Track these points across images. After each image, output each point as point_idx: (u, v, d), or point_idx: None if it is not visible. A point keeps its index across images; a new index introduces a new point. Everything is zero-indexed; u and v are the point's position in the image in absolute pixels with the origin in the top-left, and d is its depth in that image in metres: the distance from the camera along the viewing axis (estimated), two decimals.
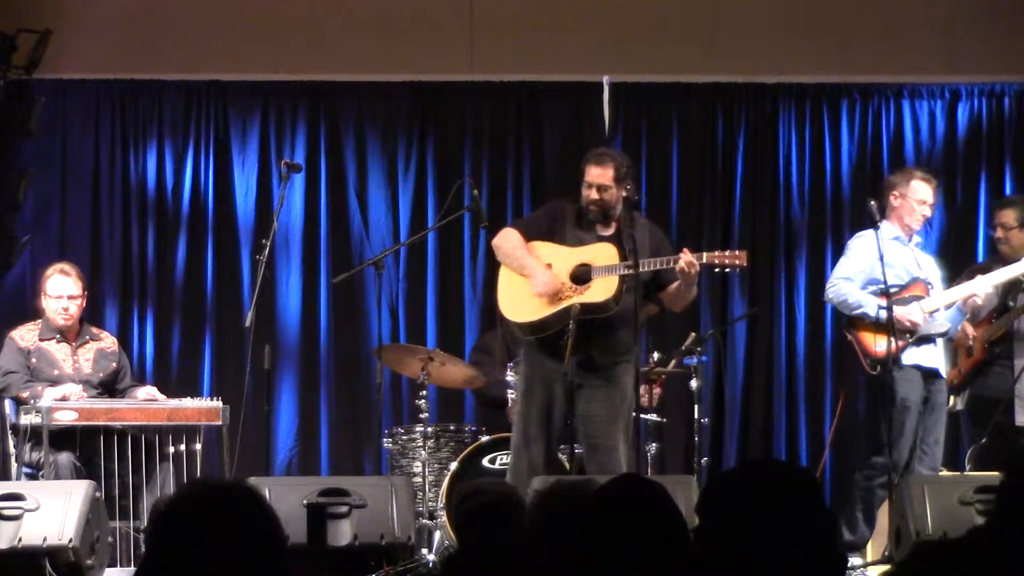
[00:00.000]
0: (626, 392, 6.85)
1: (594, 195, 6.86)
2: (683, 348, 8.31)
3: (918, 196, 7.63)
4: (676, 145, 9.60)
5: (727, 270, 7.20)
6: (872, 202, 7.46)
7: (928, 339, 7.50)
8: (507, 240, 7.00)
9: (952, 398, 7.99)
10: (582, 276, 6.83)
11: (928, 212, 7.70)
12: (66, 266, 7.65)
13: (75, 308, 7.59)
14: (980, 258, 8.96)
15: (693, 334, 8.43)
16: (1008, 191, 9.29)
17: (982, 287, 7.69)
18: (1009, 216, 8.01)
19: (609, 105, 8.59)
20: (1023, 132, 9.57)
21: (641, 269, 6.71)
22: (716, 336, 9.03)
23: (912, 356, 7.50)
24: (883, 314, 7.30)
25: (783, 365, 9.44)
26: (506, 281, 6.99)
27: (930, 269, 7.81)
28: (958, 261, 8.74)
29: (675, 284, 6.85)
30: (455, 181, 8.06)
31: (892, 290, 7.35)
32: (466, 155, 9.51)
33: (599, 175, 6.86)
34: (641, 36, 9.48)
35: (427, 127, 9.55)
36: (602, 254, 6.85)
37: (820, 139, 9.60)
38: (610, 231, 6.91)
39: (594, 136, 9.31)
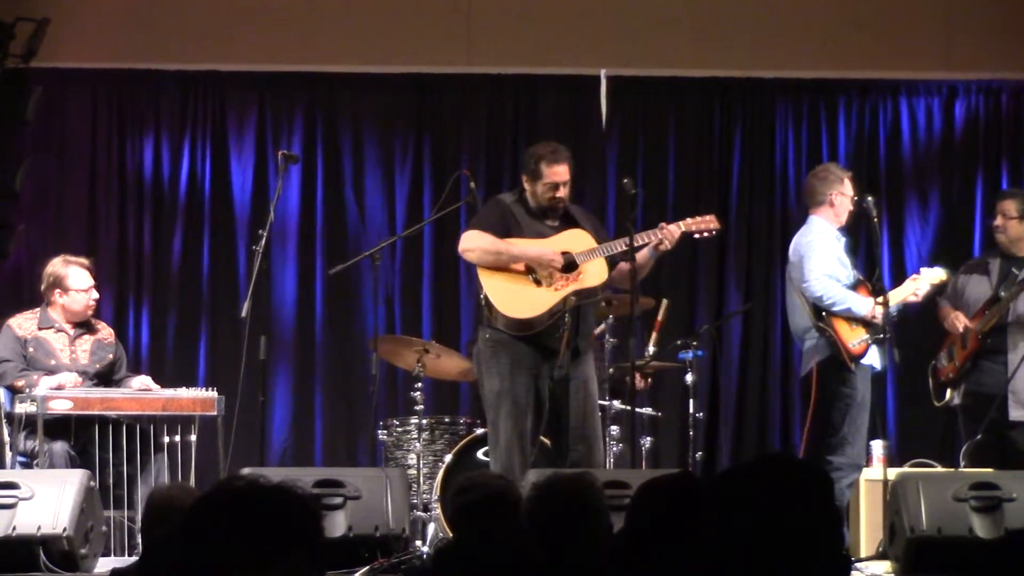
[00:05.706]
0: (595, 379, 6.96)
1: (560, 193, 6.90)
2: (659, 319, 8.16)
3: (850, 194, 7.69)
4: (673, 139, 9.61)
5: (704, 235, 7.17)
6: (870, 198, 7.51)
7: (881, 341, 7.49)
8: (480, 241, 6.89)
9: (949, 392, 8.01)
10: (568, 264, 6.85)
11: (852, 209, 7.74)
12: (81, 259, 7.65)
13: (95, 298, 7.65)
14: (977, 253, 8.97)
15: (655, 300, 8.18)
16: (1004, 187, 9.29)
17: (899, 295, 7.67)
18: (1011, 206, 8.03)
19: (606, 99, 8.58)
20: (1020, 128, 9.58)
21: (633, 246, 6.79)
22: (711, 331, 9.02)
23: (868, 357, 7.54)
24: (865, 313, 7.38)
25: (778, 360, 9.45)
26: (492, 283, 6.91)
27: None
28: (955, 257, 8.75)
29: (643, 257, 6.86)
30: (452, 173, 8.02)
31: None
32: (463, 147, 9.50)
33: (563, 173, 6.90)
34: (638, 30, 9.48)
35: (424, 119, 9.55)
36: (577, 241, 6.89)
37: (817, 134, 9.60)
38: (559, 219, 6.97)
39: (591, 129, 9.31)
